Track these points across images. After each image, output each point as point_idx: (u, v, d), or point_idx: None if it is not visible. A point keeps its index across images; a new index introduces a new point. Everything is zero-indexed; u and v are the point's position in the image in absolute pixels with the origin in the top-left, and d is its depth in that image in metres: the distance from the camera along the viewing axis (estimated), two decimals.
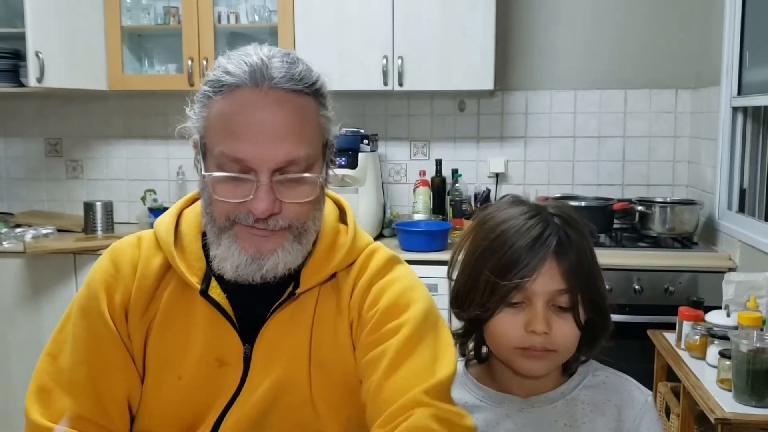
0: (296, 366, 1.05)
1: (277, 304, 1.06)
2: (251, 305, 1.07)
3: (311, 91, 1.02)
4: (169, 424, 1.07)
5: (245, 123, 0.98)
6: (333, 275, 1.10)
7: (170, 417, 1.07)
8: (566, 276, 1.04)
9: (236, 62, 1.00)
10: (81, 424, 1.03)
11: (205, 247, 1.09)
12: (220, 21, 3.28)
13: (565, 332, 1.05)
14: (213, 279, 1.07)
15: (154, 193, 3.54)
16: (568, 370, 1.14)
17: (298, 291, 1.07)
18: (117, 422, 1.06)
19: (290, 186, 1.00)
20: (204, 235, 1.09)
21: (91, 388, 1.05)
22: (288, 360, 1.05)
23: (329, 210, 1.15)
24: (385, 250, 1.14)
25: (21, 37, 2.98)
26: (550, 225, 1.05)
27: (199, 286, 1.06)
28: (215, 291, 1.07)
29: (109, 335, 1.06)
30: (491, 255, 1.06)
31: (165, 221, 1.12)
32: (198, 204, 1.12)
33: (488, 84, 3.07)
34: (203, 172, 1.03)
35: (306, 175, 1.01)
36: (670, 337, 2.20)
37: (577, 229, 1.08)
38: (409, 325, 1.01)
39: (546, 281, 1.03)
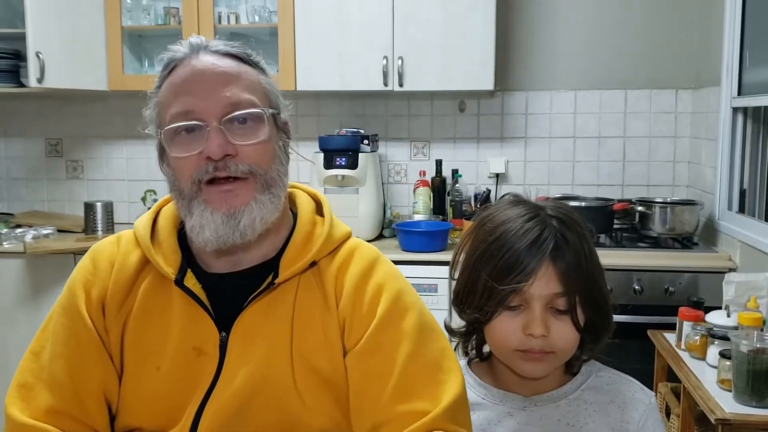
0: (276, 355, 1.06)
1: (255, 293, 1.08)
2: (229, 297, 1.09)
3: (248, 59, 1.11)
4: (151, 417, 1.08)
5: (187, 80, 1.06)
6: (312, 264, 1.11)
7: (151, 410, 1.08)
8: (563, 279, 1.03)
9: (180, 45, 1.10)
10: (59, 418, 1.05)
11: (181, 241, 1.13)
12: (220, 21, 3.28)
13: (564, 334, 1.05)
14: (189, 270, 1.10)
15: (155, 193, 3.54)
16: (570, 369, 1.14)
17: (277, 281, 1.08)
18: (95, 417, 1.08)
19: (241, 132, 1.05)
20: (180, 230, 1.12)
21: (70, 383, 1.07)
22: (267, 348, 1.06)
23: (306, 203, 1.19)
24: (366, 245, 1.16)
25: (21, 38, 2.99)
26: (547, 227, 1.05)
27: (174, 277, 1.09)
28: (190, 281, 1.09)
29: (86, 333, 1.09)
30: (489, 258, 1.06)
31: (143, 219, 1.17)
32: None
33: (488, 84, 3.07)
34: (158, 128, 1.08)
35: (251, 110, 1.06)
36: (671, 337, 2.21)
37: (575, 230, 1.07)
38: (409, 339, 1.05)
39: (543, 285, 1.03)
